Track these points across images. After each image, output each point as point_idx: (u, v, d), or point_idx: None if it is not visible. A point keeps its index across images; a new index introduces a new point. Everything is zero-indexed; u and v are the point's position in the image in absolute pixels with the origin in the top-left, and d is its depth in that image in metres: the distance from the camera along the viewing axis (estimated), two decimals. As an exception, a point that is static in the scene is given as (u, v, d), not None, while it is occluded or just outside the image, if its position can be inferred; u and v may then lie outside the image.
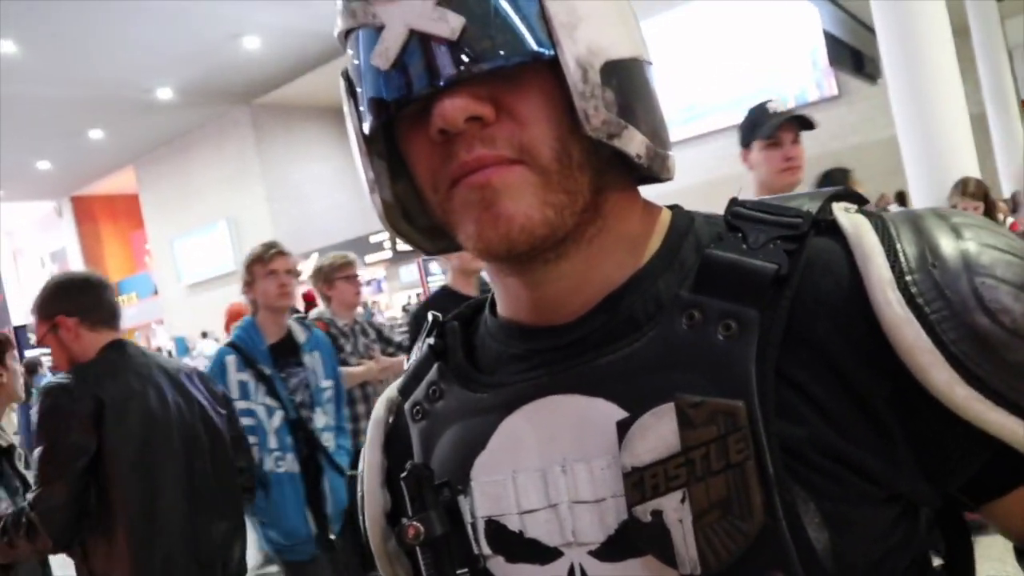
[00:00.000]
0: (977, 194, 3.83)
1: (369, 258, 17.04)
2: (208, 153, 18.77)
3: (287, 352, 3.10)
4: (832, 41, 8.76)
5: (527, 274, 0.58)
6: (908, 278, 0.50)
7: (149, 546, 2.05)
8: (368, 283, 18.58)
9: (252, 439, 2.84)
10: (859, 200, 0.59)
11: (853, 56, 9.41)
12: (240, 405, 2.84)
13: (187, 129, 18.33)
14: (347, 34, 0.58)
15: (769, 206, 0.56)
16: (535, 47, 0.51)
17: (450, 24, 0.51)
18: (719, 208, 0.62)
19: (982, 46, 8.58)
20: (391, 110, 0.55)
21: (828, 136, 13.02)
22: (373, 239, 16.83)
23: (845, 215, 0.55)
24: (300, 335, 3.16)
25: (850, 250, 0.52)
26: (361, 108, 0.58)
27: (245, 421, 2.81)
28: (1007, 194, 7.48)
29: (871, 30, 3.92)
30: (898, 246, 0.51)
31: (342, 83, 0.61)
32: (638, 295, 0.57)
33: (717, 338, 0.51)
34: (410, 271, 16.46)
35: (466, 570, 0.58)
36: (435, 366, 0.66)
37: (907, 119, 3.74)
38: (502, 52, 0.51)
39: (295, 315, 5.98)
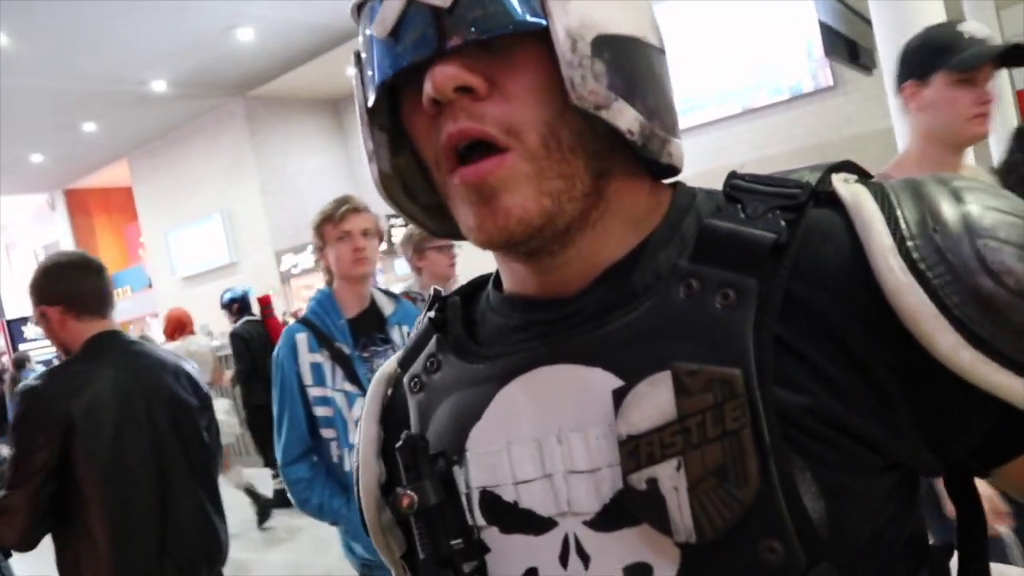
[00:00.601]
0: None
1: (364, 251, 16.99)
2: (202, 146, 18.69)
3: (370, 327, 2.59)
4: (827, 32, 8.74)
5: (533, 264, 0.59)
6: (909, 243, 0.49)
7: (126, 546, 2.07)
8: (364, 276, 18.54)
9: (329, 433, 2.44)
10: (862, 173, 0.58)
11: (848, 47, 9.39)
12: (314, 392, 2.45)
13: (181, 122, 18.25)
14: (360, 10, 0.59)
15: (768, 178, 0.56)
16: (528, 17, 0.51)
17: None
18: None
19: (977, 37, 8.57)
20: (389, 81, 0.56)
21: (824, 127, 13.02)
22: (368, 231, 16.79)
23: (844, 185, 0.55)
24: (386, 307, 2.65)
25: (850, 219, 0.52)
26: (364, 79, 0.59)
27: (320, 411, 2.44)
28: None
29: (867, 21, 3.92)
30: (898, 212, 0.51)
31: (353, 57, 0.62)
32: (638, 267, 0.57)
33: (715, 306, 0.51)
34: (404, 263, 16.43)
35: (460, 540, 0.58)
36: (433, 338, 0.66)
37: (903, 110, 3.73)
38: (496, 22, 0.51)
39: (247, 319, 5.87)
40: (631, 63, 0.55)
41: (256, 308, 6.16)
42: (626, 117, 0.53)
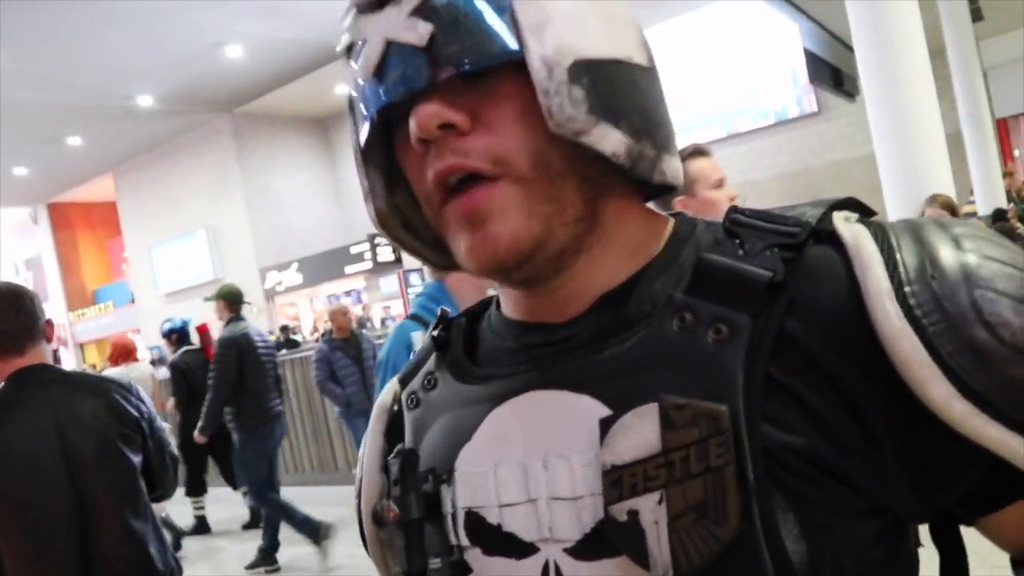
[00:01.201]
0: (946, 205, 3.92)
1: (349, 269, 16.98)
2: (188, 161, 18.65)
3: None
4: (812, 59, 8.86)
5: (529, 288, 0.59)
6: (907, 289, 0.49)
7: None
8: (348, 293, 18.51)
9: None
10: (864, 211, 0.58)
11: (833, 74, 9.53)
12: None
13: (167, 137, 18.21)
14: (349, 52, 0.60)
15: (768, 215, 0.56)
16: (503, 49, 0.52)
17: (419, 32, 0.53)
18: None
19: (958, 66, 8.71)
20: (376, 121, 0.57)
21: (808, 152, 13.16)
22: (353, 250, 16.78)
23: (845, 224, 0.54)
24: None
25: (849, 259, 0.52)
26: (358, 121, 0.60)
27: None
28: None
29: (850, 48, 3.98)
30: (898, 256, 0.50)
31: (348, 96, 0.62)
32: (635, 296, 0.57)
33: (707, 341, 0.51)
34: (390, 282, 16.41)
35: (438, 560, 0.57)
36: (432, 356, 0.67)
37: (884, 136, 3.79)
38: (471, 56, 0.52)
39: (186, 349, 5.96)
40: (613, 85, 0.54)
41: (195, 337, 6.32)
42: (610, 140, 0.53)
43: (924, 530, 0.58)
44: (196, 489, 6.24)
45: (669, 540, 0.48)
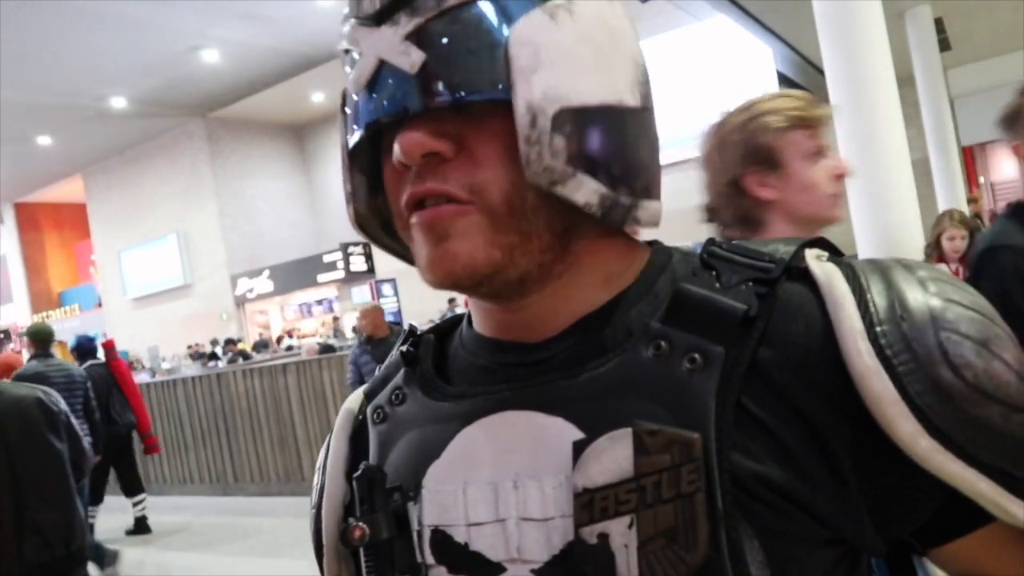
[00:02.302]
0: (963, 222, 3.99)
1: (321, 278, 16.87)
2: (160, 165, 18.46)
3: None
4: (785, 82, 9.01)
5: (498, 304, 0.60)
6: (878, 329, 0.51)
7: None
8: (320, 302, 18.38)
9: None
10: (833, 250, 0.60)
11: (804, 97, 9.67)
12: None
13: (140, 140, 18.02)
14: (347, 52, 0.60)
15: (745, 249, 0.58)
16: (490, 87, 0.52)
17: (411, 58, 0.53)
18: (663, 240, 0.64)
19: (926, 94, 8.87)
20: (364, 132, 0.57)
21: (779, 174, 13.30)
22: (326, 259, 16.69)
23: (817, 263, 0.56)
24: None
25: (821, 297, 0.54)
26: (348, 123, 0.60)
27: None
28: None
29: (822, 72, 4.05)
30: (868, 296, 0.52)
31: (341, 98, 0.63)
32: (609, 322, 0.57)
33: (681, 369, 0.52)
34: (362, 292, 16.33)
35: None
36: (401, 371, 0.66)
37: (852, 160, 3.85)
38: (460, 89, 0.52)
39: (91, 363, 6.26)
40: (597, 133, 0.54)
41: (101, 352, 6.63)
42: (584, 190, 0.53)
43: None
44: (95, 499, 6.40)
45: (639, 564, 0.48)
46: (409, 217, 0.57)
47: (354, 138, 0.59)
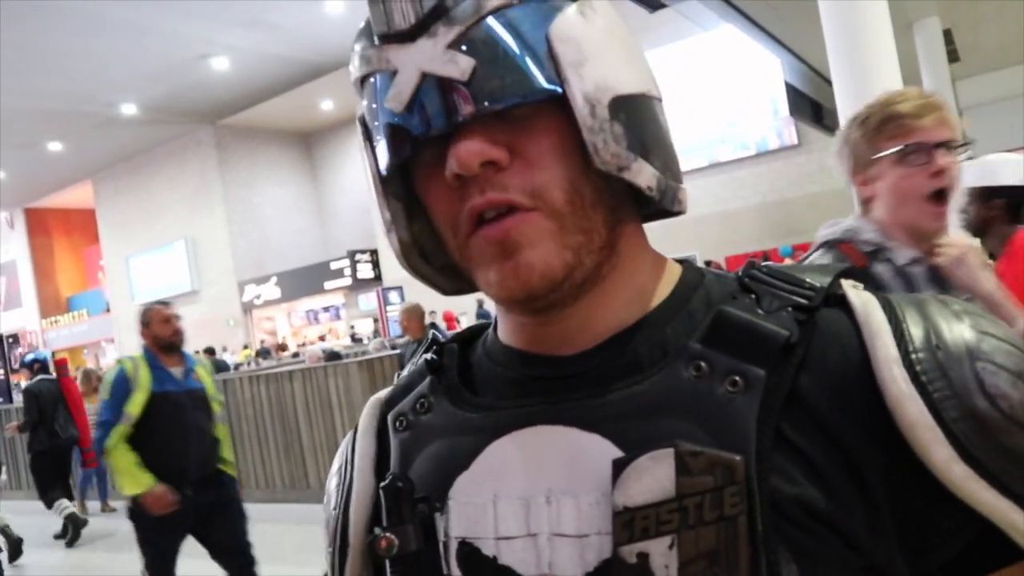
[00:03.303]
0: None
1: (328, 285, 16.91)
2: (169, 171, 18.54)
3: None
4: (793, 92, 9.01)
5: (539, 318, 0.59)
6: (913, 356, 0.51)
7: None
8: (326, 309, 18.42)
9: None
10: (864, 279, 0.61)
11: (813, 107, 9.68)
12: None
13: (149, 146, 18.12)
14: (362, 80, 0.59)
15: (785, 275, 0.58)
16: (545, 85, 0.52)
17: (460, 66, 0.52)
18: (668, 249, 0.64)
19: (935, 105, 8.88)
20: (406, 151, 0.56)
21: (787, 183, 13.32)
22: (333, 266, 16.72)
23: (854, 291, 0.57)
24: None
25: (858, 325, 0.54)
26: (377, 150, 0.59)
27: None
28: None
29: (830, 83, 4.05)
30: (904, 326, 0.53)
31: (359, 127, 0.61)
32: (644, 339, 0.57)
33: (721, 391, 0.52)
34: (368, 299, 16.35)
35: None
36: (427, 380, 0.65)
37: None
38: (513, 91, 0.52)
39: (41, 378, 6.81)
40: (643, 120, 0.56)
41: (53, 369, 7.27)
42: (645, 175, 0.55)
43: None
44: (48, 501, 6.79)
45: None
46: (468, 235, 0.56)
47: (389, 160, 0.57)
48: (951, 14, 8.36)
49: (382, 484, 0.60)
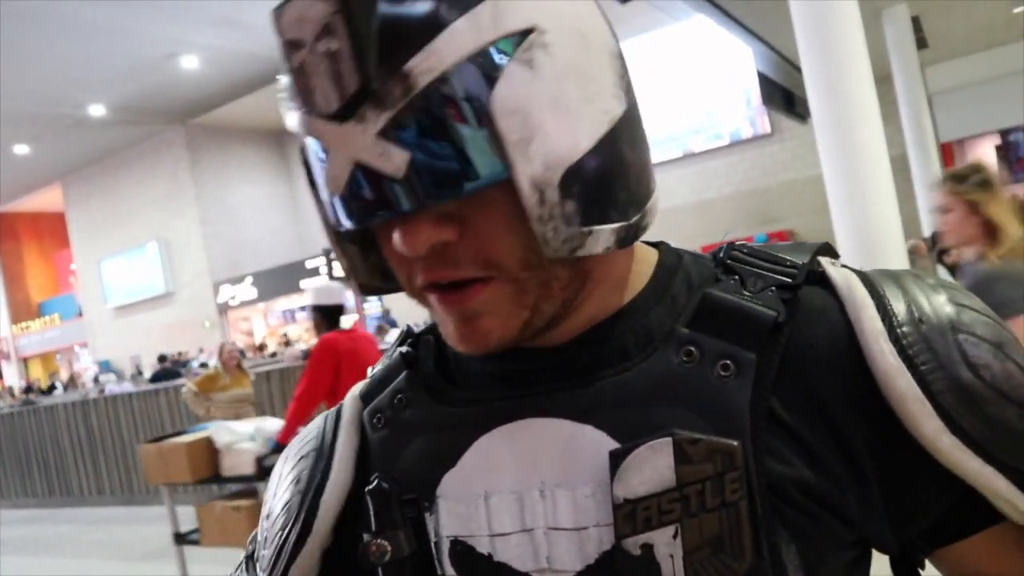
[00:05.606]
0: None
1: (304, 283, 16.79)
2: (140, 173, 18.31)
3: None
4: (765, 81, 9.06)
5: None
6: (899, 331, 0.52)
7: None
8: (303, 309, 18.29)
9: None
10: (836, 256, 0.61)
11: (785, 96, 9.74)
12: None
13: (119, 147, 17.87)
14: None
15: (766, 255, 0.58)
16: (487, 172, 0.48)
17: (394, 162, 0.47)
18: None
19: (904, 92, 8.95)
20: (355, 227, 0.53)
21: (761, 172, 13.41)
22: (309, 264, 16.60)
23: (834, 268, 0.57)
24: None
25: (840, 300, 0.55)
26: (323, 205, 0.55)
27: None
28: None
29: (801, 71, 4.08)
30: (885, 300, 0.54)
31: (303, 168, 0.57)
32: (628, 326, 0.56)
33: (713, 376, 0.52)
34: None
35: None
36: (403, 374, 0.64)
37: (832, 158, 3.88)
38: (455, 184, 0.48)
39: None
40: (600, 173, 0.51)
41: None
42: (603, 239, 0.51)
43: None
44: None
45: (685, 573, 0.49)
46: (424, 291, 0.54)
47: (341, 225, 0.53)
48: (919, 1, 8.45)
49: (368, 488, 0.58)
